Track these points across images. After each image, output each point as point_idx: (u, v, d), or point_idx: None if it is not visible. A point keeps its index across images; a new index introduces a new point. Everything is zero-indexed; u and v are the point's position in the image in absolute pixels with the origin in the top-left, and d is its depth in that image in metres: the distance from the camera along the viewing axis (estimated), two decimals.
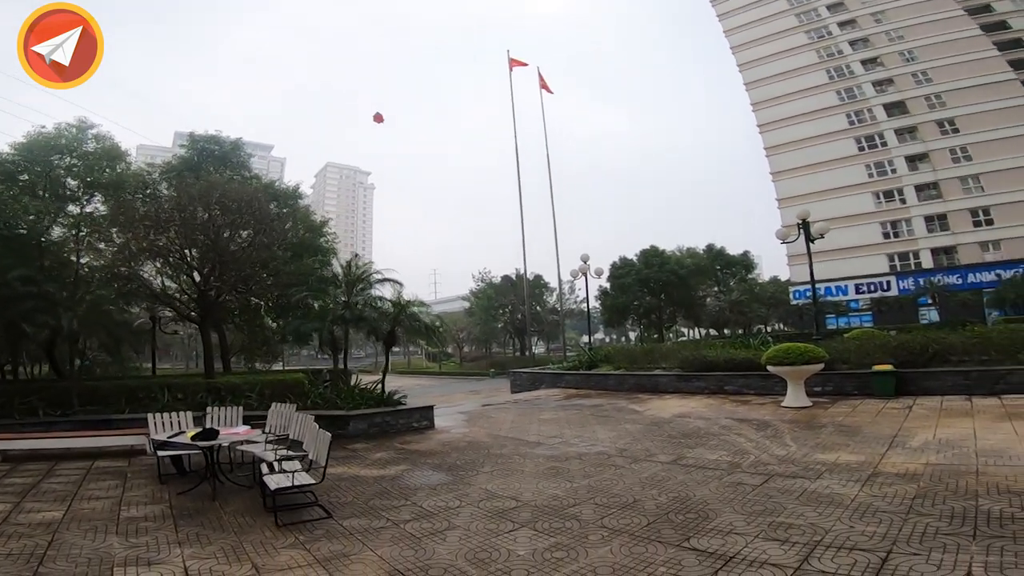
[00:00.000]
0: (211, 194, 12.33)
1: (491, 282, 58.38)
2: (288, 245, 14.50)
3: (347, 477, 7.52)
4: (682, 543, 4.43)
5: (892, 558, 3.73)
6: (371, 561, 4.60)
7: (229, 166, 16.21)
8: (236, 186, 13.69)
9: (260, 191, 14.53)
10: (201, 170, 14.80)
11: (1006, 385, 11.05)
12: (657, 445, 8.63)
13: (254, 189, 14.38)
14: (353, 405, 11.24)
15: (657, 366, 17.74)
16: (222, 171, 15.57)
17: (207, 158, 15.83)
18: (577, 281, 37.27)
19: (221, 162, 16.00)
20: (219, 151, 16.14)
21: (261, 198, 13.83)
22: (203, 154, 15.90)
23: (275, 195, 15.51)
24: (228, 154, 16.30)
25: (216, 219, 12.95)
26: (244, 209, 12.74)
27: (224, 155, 16.20)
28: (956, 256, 42.90)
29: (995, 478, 5.44)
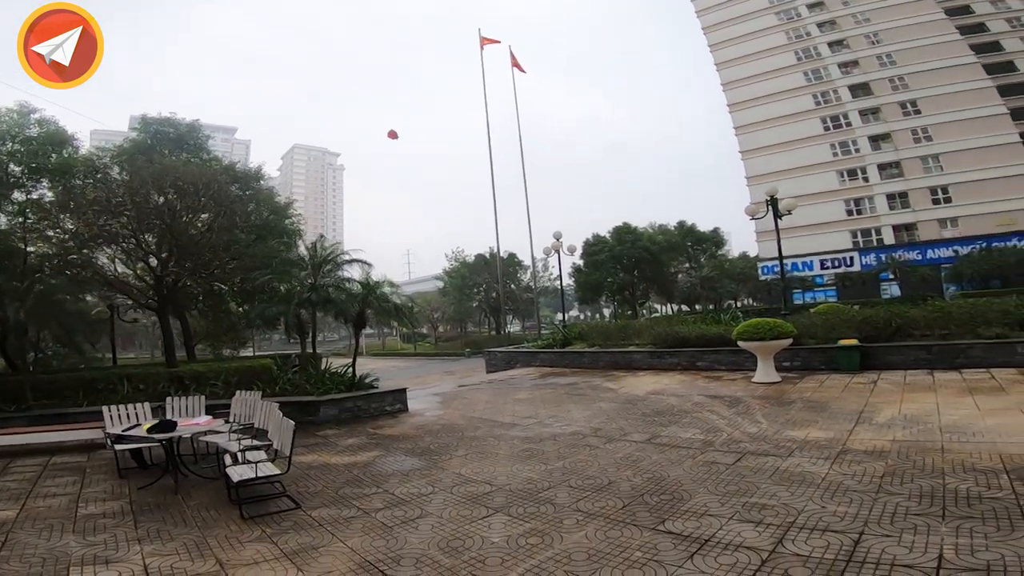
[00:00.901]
0: (165, 177, 11.77)
1: (464, 261, 58.01)
2: (251, 227, 14.10)
3: (317, 465, 7.33)
4: (657, 526, 4.40)
5: (864, 540, 3.74)
6: (341, 553, 4.47)
7: (185, 148, 15.61)
8: (194, 168, 13.10)
9: (220, 173, 14.01)
10: (155, 153, 14.16)
11: (966, 359, 11.35)
12: (631, 424, 8.65)
13: (213, 171, 13.84)
14: (323, 390, 10.99)
15: (631, 343, 17.81)
16: (178, 154, 14.98)
17: (161, 141, 15.18)
18: (551, 259, 37.32)
19: (176, 144, 15.40)
20: (174, 133, 15.49)
21: (221, 180, 13.32)
22: (157, 137, 15.23)
23: (236, 177, 14.88)
24: (184, 136, 15.66)
25: (173, 203, 12.42)
26: (202, 192, 12.25)
27: (180, 137, 15.56)
28: (916, 233, 44.45)
29: (960, 455, 5.53)
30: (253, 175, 15.88)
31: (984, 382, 9.53)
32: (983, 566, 3.20)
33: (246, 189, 15.08)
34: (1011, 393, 8.44)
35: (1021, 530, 3.61)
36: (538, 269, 56.20)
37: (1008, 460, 5.16)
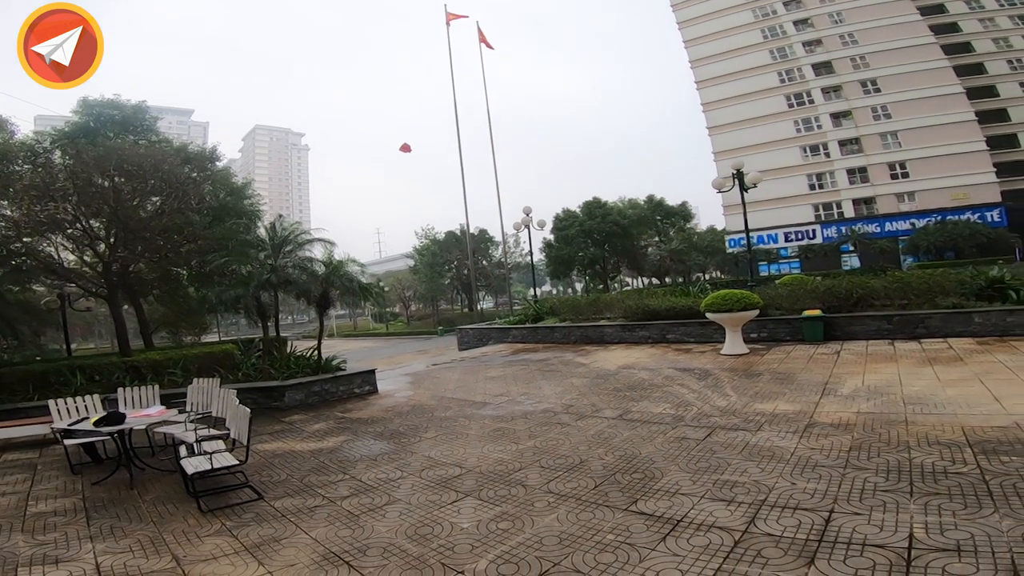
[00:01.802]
0: (109, 160, 11.09)
1: (435, 238, 57.35)
2: (206, 209, 13.58)
3: (281, 453, 7.09)
4: (629, 507, 4.34)
5: (835, 519, 3.73)
6: (304, 544, 4.31)
7: (132, 130, 14.89)
8: (141, 150, 12.46)
9: (171, 154, 13.38)
10: (99, 136, 13.39)
11: (924, 329, 11.64)
12: (603, 400, 8.63)
13: (163, 153, 13.19)
14: (288, 374, 10.66)
15: (602, 316, 17.87)
16: (124, 136, 14.28)
17: (105, 123, 14.37)
18: (522, 234, 37.14)
19: (122, 127, 14.65)
20: (119, 115, 14.70)
21: (172, 161, 12.73)
22: (100, 119, 14.41)
23: (188, 158, 14.26)
24: (130, 118, 14.90)
25: (119, 186, 11.77)
26: (150, 174, 11.62)
27: (125, 119, 14.80)
28: (875, 206, 46.05)
29: (923, 427, 5.59)
30: (207, 156, 15.30)
31: (943, 352, 9.78)
32: (953, 546, 3.19)
33: (200, 170, 14.53)
34: (969, 363, 8.64)
35: (988, 508, 3.62)
36: (509, 245, 56.17)
37: (971, 432, 5.24)
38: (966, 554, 3.07)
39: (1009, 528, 3.30)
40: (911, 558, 3.10)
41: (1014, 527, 3.31)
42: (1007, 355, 8.86)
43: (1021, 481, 3.97)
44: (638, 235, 50.07)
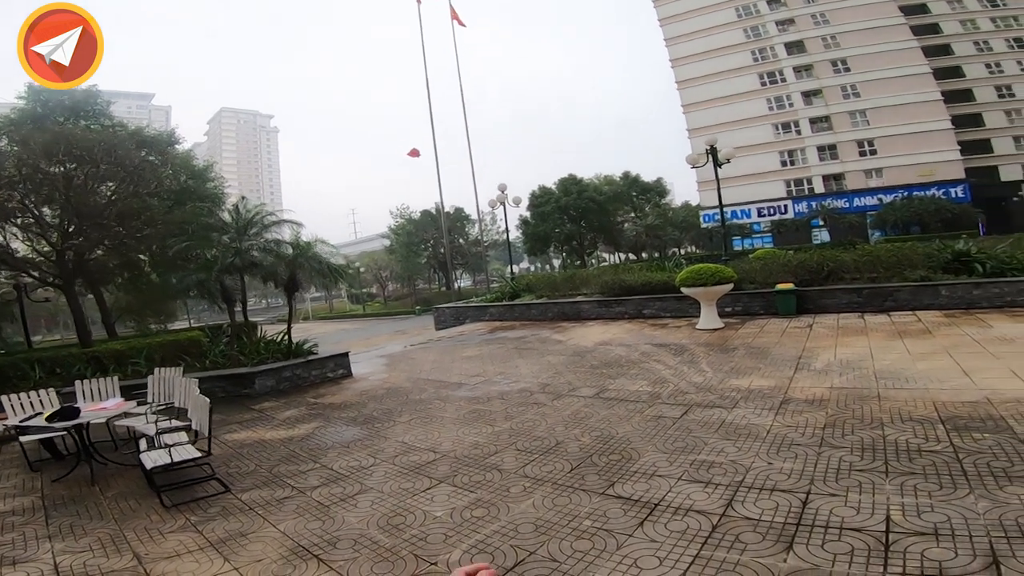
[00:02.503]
0: (58, 145, 10.54)
1: (410, 217, 56.63)
2: (166, 193, 13.11)
3: (251, 442, 6.86)
4: (606, 490, 4.26)
5: (812, 500, 3.69)
6: (272, 538, 4.15)
7: (83, 115, 14.25)
8: (93, 135, 11.90)
9: (126, 139, 12.82)
10: (48, 121, 12.77)
11: (893, 302, 11.84)
12: (579, 378, 8.58)
13: (118, 137, 12.63)
14: (258, 360, 10.34)
15: (579, 292, 17.85)
16: (75, 121, 13.68)
17: (54, 109, 13.72)
18: (498, 212, 36.81)
19: (72, 112, 14.03)
20: (69, 100, 14.05)
21: (127, 146, 12.21)
22: (48, 105, 13.74)
23: (144, 142, 13.72)
24: (80, 103, 14.25)
25: (71, 173, 11.27)
26: (103, 159, 11.10)
27: (76, 104, 14.16)
28: (844, 182, 47.11)
29: (896, 403, 5.62)
30: (165, 139, 14.76)
31: (912, 325, 9.94)
32: (931, 529, 3.15)
33: (158, 154, 14.02)
34: (937, 336, 8.79)
35: (963, 488, 3.60)
36: (486, 222, 55.85)
37: (942, 408, 5.26)
38: (944, 538, 3.03)
39: (985, 510, 3.27)
40: (889, 543, 3.06)
41: (990, 509, 3.28)
42: (974, 328, 9.03)
43: (994, 460, 3.96)
44: (614, 211, 50.50)
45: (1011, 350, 7.27)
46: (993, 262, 11.69)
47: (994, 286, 10.89)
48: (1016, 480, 3.61)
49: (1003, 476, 3.69)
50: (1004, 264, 11.54)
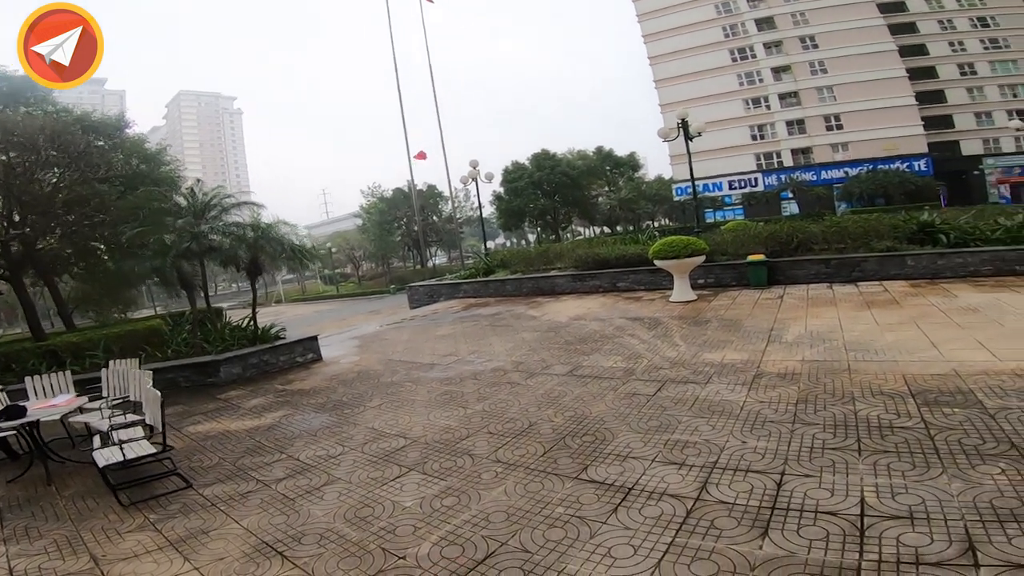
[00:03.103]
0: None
1: (382, 196, 55.99)
2: (118, 178, 12.53)
3: (215, 434, 6.60)
4: (580, 474, 4.16)
5: (786, 482, 3.64)
6: (234, 536, 3.98)
7: (24, 101, 13.44)
8: (35, 121, 11.24)
9: (71, 124, 12.16)
10: None
11: (861, 272, 11.97)
12: (553, 355, 8.49)
13: (62, 123, 11.96)
14: (223, 347, 9.97)
15: (553, 267, 17.76)
16: (14, 108, 12.91)
17: None
18: (472, 188, 36.32)
19: (11, 98, 13.23)
20: (7, 87, 13.21)
21: (73, 131, 11.61)
22: None
23: (92, 127, 13.04)
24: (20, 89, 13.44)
25: (12, 161, 10.68)
26: (46, 145, 10.54)
27: (14, 90, 13.36)
28: (812, 156, 48.36)
29: (866, 376, 5.63)
30: (114, 123, 14.04)
31: (879, 295, 10.06)
32: (905, 513, 3.09)
33: (108, 139, 13.33)
34: (904, 306, 8.90)
35: (936, 468, 3.56)
36: (459, 199, 55.68)
37: (912, 381, 5.27)
38: (919, 522, 2.98)
39: (959, 491, 3.24)
40: (864, 527, 3.00)
41: (964, 490, 3.25)
42: (939, 298, 9.17)
43: (966, 437, 3.94)
44: (588, 185, 50.68)
45: (976, 320, 7.38)
46: (956, 233, 11.85)
47: (958, 256, 11.07)
48: (988, 459, 3.58)
49: (975, 454, 3.66)
50: (967, 235, 11.72)
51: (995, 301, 8.33)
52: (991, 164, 43.87)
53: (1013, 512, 2.94)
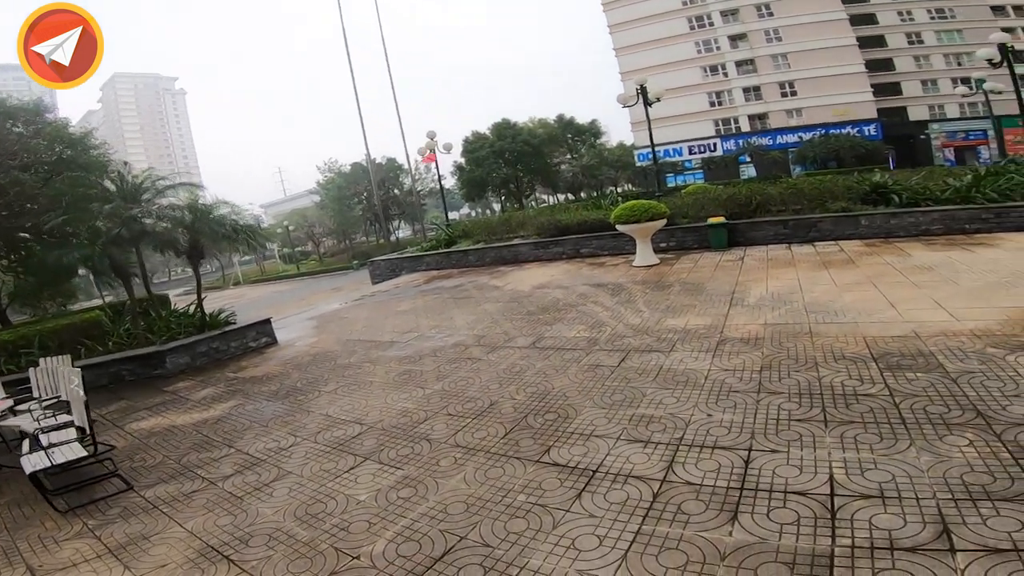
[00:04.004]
0: None
1: (340, 171, 54.77)
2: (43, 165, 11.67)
3: (159, 430, 6.18)
4: (542, 457, 3.98)
5: (754, 458, 3.48)
6: (178, 540, 3.70)
7: None
8: None
9: None
10: None
11: (817, 232, 12.12)
12: (516, 326, 8.30)
13: None
14: (169, 336, 9.39)
15: (516, 235, 17.63)
16: None
17: None
18: (437, 160, 35.40)
19: None
20: None
21: None
22: None
23: (10, 113, 12.01)
24: None
25: None
26: None
27: None
28: (768, 121, 49.66)
29: (828, 339, 5.58)
30: (33, 108, 12.96)
31: (836, 255, 10.16)
32: (876, 491, 2.96)
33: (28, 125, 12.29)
34: (860, 266, 8.98)
35: (904, 439, 3.45)
36: (420, 171, 54.85)
37: (873, 344, 5.22)
38: (891, 502, 2.86)
39: (928, 466, 3.13)
40: (835, 508, 2.88)
41: (933, 464, 3.14)
42: (894, 256, 9.29)
43: (930, 404, 3.86)
44: (550, 153, 51.23)
45: (931, 279, 7.45)
46: (908, 193, 12.04)
47: (909, 216, 11.25)
48: (955, 428, 3.49)
49: (941, 424, 3.58)
50: (918, 195, 11.91)
51: (948, 260, 8.44)
52: (936, 129, 45.62)
53: (985, 489, 2.84)
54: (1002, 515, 2.62)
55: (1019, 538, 2.45)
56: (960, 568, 2.35)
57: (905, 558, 2.45)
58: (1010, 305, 5.77)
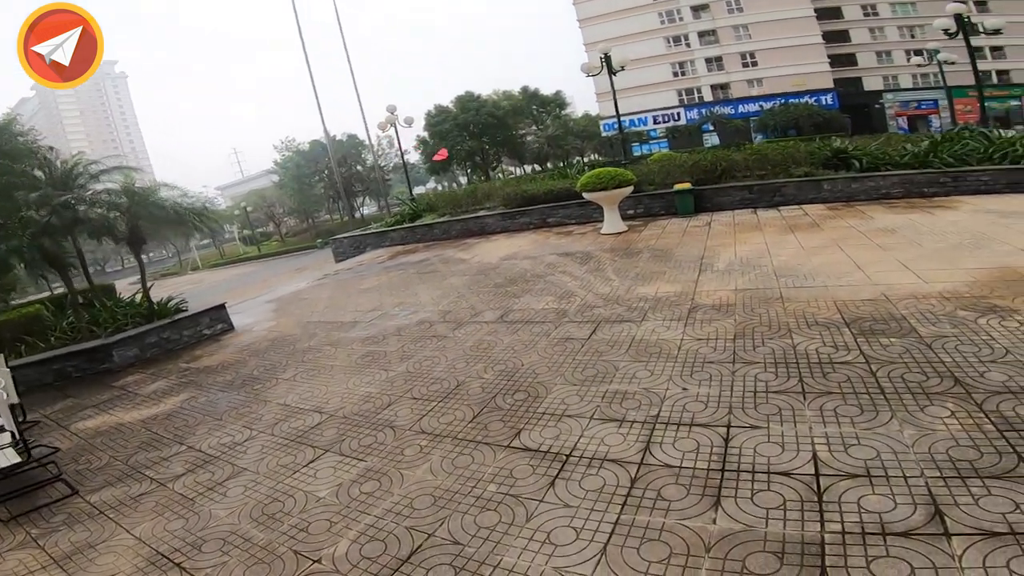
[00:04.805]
0: None
1: (298, 149, 53.12)
2: None
3: (107, 429, 5.75)
4: (512, 442, 3.78)
5: (733, 436, 3.33)
6: (125, 548, 3.42)
7: None
8: None
9: None
10: None
11: (782, 197, 12.25)
12: (483, 299, 8.07)
13: None
14: (116, 327, 8.81)
15: (482, 207, 17.42)
16: None
17: None
18: (394, 134, 34.51)
19: None
20: None
21: None
22: None
23: None
24: None
25: None
26: None
27: None
28: (730, 91, 50.32)
29: (799, 304, 5.50)
30: None
31: (801, 219, 10.21)
32: (862, 470, 2.81)
33: None
34: (826, 229, 9.02)
35: (884, 411, 3.32)
36: (383, 146, 53.82)
37: (844, 308, 5.16)
38: (878, 481, 2.71)
39: (913, 440, 3.00)
40: (821, 490, 2.72)
41: (917, 438, 3.01)
42: (857, 219, 9.36)
43: (908, 372, 3.75)
44: (515, 125, 50.99)
45: (894, 241, 7.49)
46: (868, 158, 12.24)
47: (870, 180, 11.43)
48: (935, 398, 3.38)
49: (921, 393, 3.46)
50: (878, 160, 12.11)
51: (910, 222, 8.53)
52: (890, 99, 47.16)
53: (973, 465, 2.71)
54: (994, 494, 2.50)
55: (1015, 520, 2.32)
56: (957, 554, 2.22)
57: (899, 544, 2.31)
58: (975, 267, 5.80)
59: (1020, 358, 3.70)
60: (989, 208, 8.77)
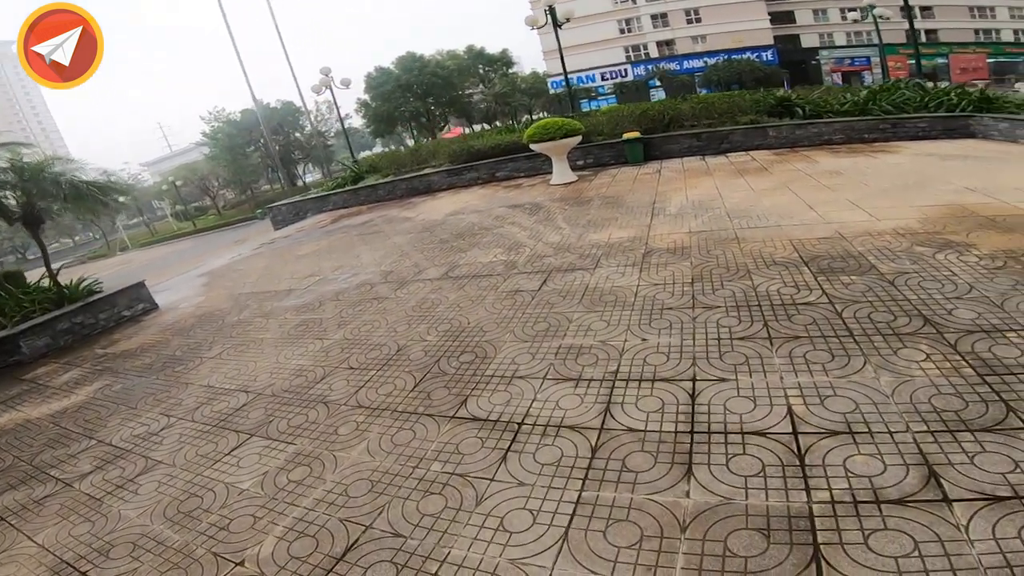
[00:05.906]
0: None
1: (229, 119, 50.15)
2: None
3: (12, 427, 5.08)
4: (458, 411, 3.41)
5: (700, 390, 3.05)
6: (27, 556, 3.03)
7: None
8: None
9: None
10: None
11: (729, 144, 12.32)
12: (428, 257, 7.64)
13: None
14: (22, 315, 7.88)
15: (427, 165, 16.92)
16: None
17: None
18: (337, 98, 32.92)
19: None
20: None
21: None
22: None
23: None
24: None
25: None
26: None
27: None
28: (675, 47, 50.76)
29: (755, 244, 5.34)
30: None
31: (749, 164, 10.17)
32: (843, 425, 2.56)
33: None
34: (773, 173, 8.97)
35: (857, 356, 3.11)
36: (323, 112, 51.46)
37: (800, 247, 5.01)
38: (862, 439, 2.44)
39: (892, 389, 2.77)
40: (802, 452, 2.44)
41: (896, 386, 2.78)
42: (802, 163, 9.37)
43: (875, 312, 3.57)
44: (461, 84, 49.89)
45: (842, 182, 7.46)
46: (810, 106, 12.54)
47: (813, 126, 11.61)
48: (907, 339, 3.19)
49: (892, 334, 3.27)
50: (820, 108, 12.42)
51: (854, 165, 8.59)
52: (826, 55, 48.95)
53: (960, 416, 2.48)
54: (988, 451, 2.26)
55: (1017, 482, 2.08)
56: (962, 524, 1.96)
57: (896, 513, 2.05)
58: (924, 204, 5.76)
59: (985, 294, 3.58)
60: (929, 152, 8.89)
